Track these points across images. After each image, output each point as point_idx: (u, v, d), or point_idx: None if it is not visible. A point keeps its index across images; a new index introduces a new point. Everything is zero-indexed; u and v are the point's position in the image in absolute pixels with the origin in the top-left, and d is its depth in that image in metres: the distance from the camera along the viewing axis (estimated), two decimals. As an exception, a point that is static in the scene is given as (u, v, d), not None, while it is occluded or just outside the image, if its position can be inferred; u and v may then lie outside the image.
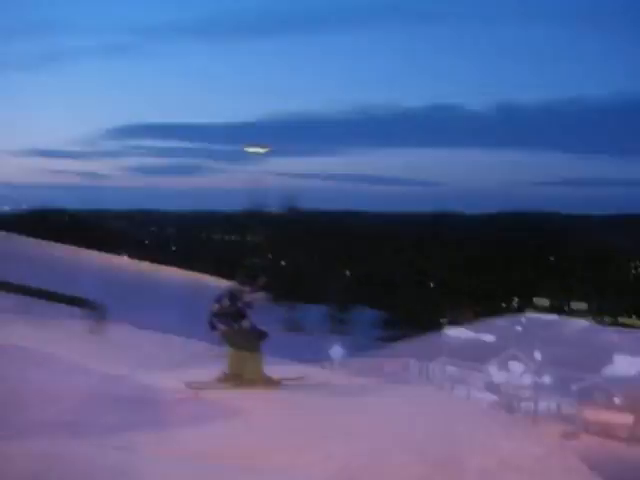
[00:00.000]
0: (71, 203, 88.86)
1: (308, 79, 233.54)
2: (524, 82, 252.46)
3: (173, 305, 22.02)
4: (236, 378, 8.74)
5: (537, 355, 23.21)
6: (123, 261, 33.99)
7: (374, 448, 6.01)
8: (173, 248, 70.06)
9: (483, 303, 43.36)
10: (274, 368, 9.01)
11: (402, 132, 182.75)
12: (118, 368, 8.93)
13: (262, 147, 37.43)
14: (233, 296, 8.67)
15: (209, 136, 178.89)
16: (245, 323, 8.58)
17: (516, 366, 23.87)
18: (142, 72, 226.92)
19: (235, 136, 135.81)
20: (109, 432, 6.18)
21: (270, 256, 48.19)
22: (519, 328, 26.35)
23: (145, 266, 32.64)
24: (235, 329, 8.62)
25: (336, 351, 30.70)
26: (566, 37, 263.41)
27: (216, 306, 8.69)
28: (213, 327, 8.72)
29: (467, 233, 65.12)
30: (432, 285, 47.21)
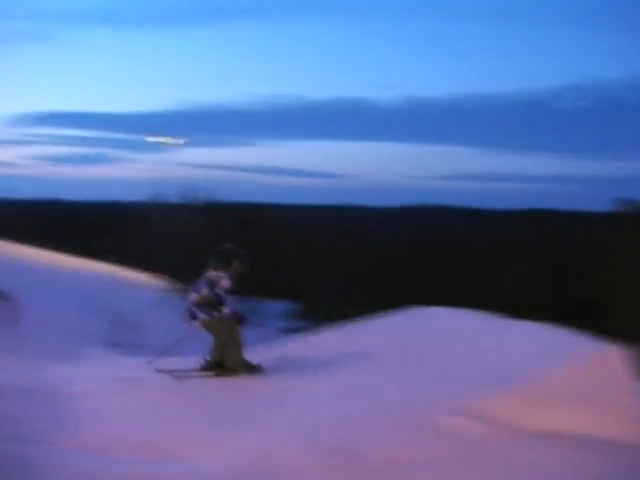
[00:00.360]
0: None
1: (216, 70, 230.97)
2: (429, 76, 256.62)
3: (76, 296, 21.64)
4: (217, 366, 8.86)
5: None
6: (27, 251, 33.13)
7: (278, 439, 6.15)
8: (78, 238, 68.56)
9: (386, 296, 43.76)
10: (176, 360, 9.08)
11: (308, 124, 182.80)
12: (25, 359, 8.88)
13: (170, 137, 37.09)
14: (211, 283, 8.71)
15: (117, 125, 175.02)
16: (225, 310, 8.64)
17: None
18: (48, 59, 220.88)
19: (142, 126, 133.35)
20: (17, 424, 6.16)
21: (180, 248, 47.59)
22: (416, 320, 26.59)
23: (50, 256, 31.91)
24: (215, 317, 8.68)
25: (246, 341, 30.72)
26: (473, 33, 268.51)
27: (195, 295, 8.79)
28: (193, 316, 8.79)
29: (371, 226, 65.76)
30: (335, 278, 47.31)
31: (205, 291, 8.73)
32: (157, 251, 41.27)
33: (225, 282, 8.69)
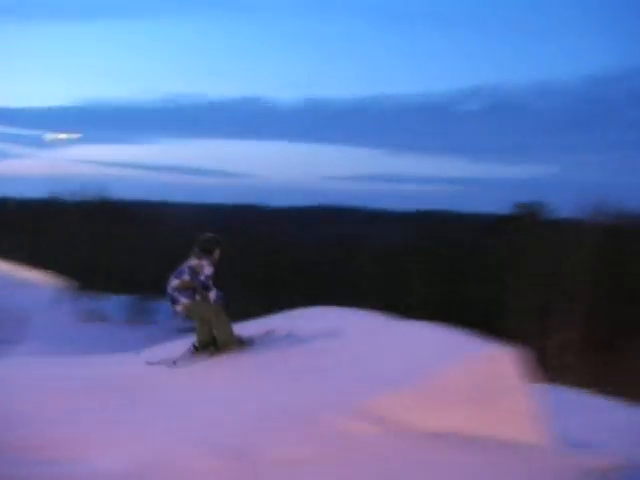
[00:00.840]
0: None
1: (118, 66, 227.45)
2: (333, 76, 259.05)
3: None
4: (209, 346, 9.06)
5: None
6: None
7: (171, 440, 6.06)
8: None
9: (282, 296, 43.80)
10: (68, 360, 8.96)
11: (210, 123, 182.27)
12: None
13: (68, 134, 36.31)
14: (193, 271, 8.86)
15: (13, 120, 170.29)
16: (211, 295, 8.79)
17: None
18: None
19: (41, 121, 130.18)
20: None
21: (78, 245, 46.60)
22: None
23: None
24: (197, 300, 8.86)
25: (137, 341, 30.39)
26: (377, 34, 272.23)
27: (176, 281, 8.89)
28: (174, 301, 8.91)
29: (273, 226, 65.97)
30: (233, 277, 47.08)
31: (187, 278, 8.89)
32: (51, 248, 40.22)
33: (208, 269, 8.86)
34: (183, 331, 38.54)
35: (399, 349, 7.97)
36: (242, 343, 9.11)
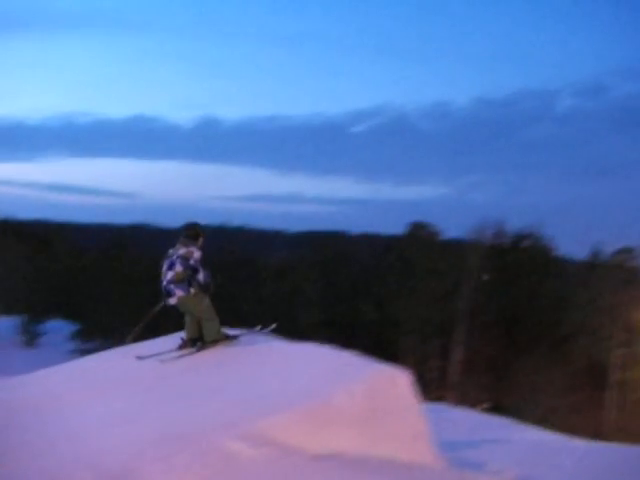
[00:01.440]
0: None
1: (10, 84, 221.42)
2: (229, 97, 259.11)
3: None
4: (196, 341, 9.32)
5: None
6: None
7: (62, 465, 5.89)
8: None
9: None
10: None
11: (102, 142, 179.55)
12: None
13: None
14: (184, 259, 9.17)
15: None
16: (200, 276, 9.09)
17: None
18: None
19: None
20: None
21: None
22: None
23: None
24: (191, 293, 9.09)
25: (27, 363, 29.47)
26: (273, 56, 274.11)
27: (171, 273, 9.14)
28: (169, 293, 9.14)
29: (163, 247, 65.39)
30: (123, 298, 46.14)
31: (179, 267, 9.13)
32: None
33: (197, 254, 9.22)
34: (78, 352, 37.63)
35: (289, 371, 7.91)
36: (230, 339, 9.40)
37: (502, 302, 45.05)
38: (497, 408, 36.75)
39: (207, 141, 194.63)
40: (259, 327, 10.08)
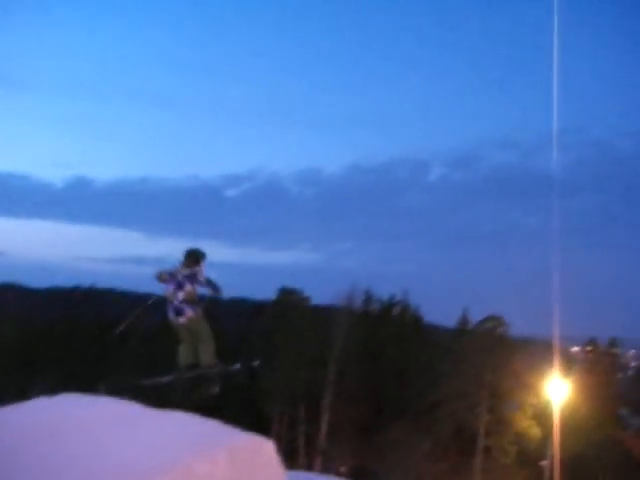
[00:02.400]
0: None
1: None
2: (101, 158, 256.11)
3: None
4: (193, 368, 9.88)
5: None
6: None
7: None
8: None
9: (38, 376, 41.56)
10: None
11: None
12: None
13: None
14: (192, 277, 9.67)
15: None
16: (212, 285, 9.75)
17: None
18: None
19: None
20: None
21: None
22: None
23: None
24: (199, 314, 9.68)
25: None
26: (149, 118, 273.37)
27: (181, 293, 9.60)
28: (179, 312, 9.64)
29: (32, 307, 63.22)
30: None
31: (189, 286, 9.63)
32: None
33: (203, 272, 9.83)
34: None
35: (149, 441, 7.55)
36: (222, 367, 10.08)
37: (371, 368, 45.38)
38: (366, 474, 36.72)
39: (78, 201, 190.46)
40: (257, 362, 10.79)
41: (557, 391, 33.28)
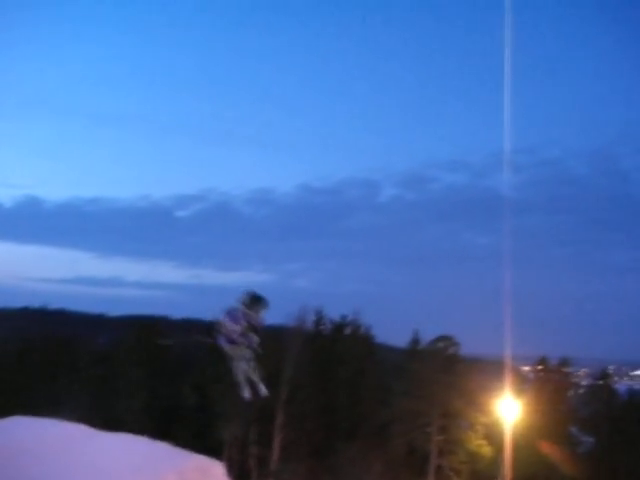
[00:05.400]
0: None
1: None
2: (52, 177, 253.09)
3: None
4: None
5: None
6: None
7: None
8: None
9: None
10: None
11: None
12: None
13: None
14: (248, 317, 10.44)
15: None
16: (255, 338, 10.58)
17: None
18: None
19: None
20: None
21: None
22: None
23: None
24: (246, 344, 10.52)
25: None
26: (99, 137, 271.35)
27: (238, 327, 10.40)
28: (232, 342, 10.49)
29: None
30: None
31: (244, 322, 10.43)
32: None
33: (258, 318, 10.62)
34: None
35: (97, 463, 7.45)
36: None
37: (323, 388, 45.30)
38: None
39: (28, 221, 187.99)
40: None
41: (508, 410, 33.47)
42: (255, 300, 10.73)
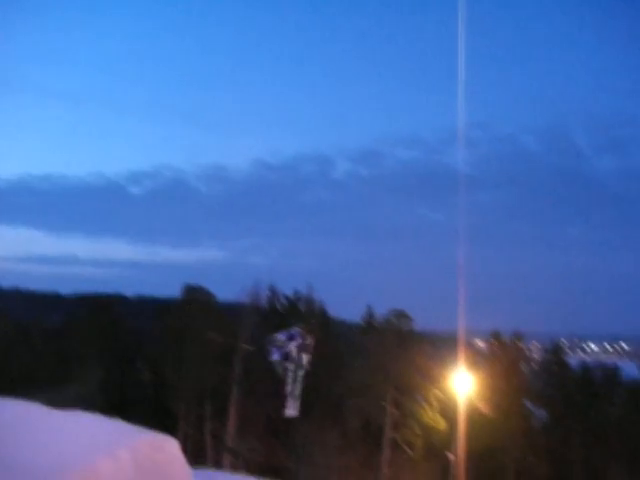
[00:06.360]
0: None
1: None
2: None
3: None
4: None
5: None
6: None
7: None
8: None
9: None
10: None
11: None
12: None
13: None
14: (304, 339, 11.83)
15: None
16: (306, 357, 11.88)
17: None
18: None
19: None
20: None
21: None
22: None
23: None
24: (296, 361, 11.80)
25: None
26: (50, 114, 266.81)
27: (295, 343, 11.81)
28: (289, 358, 11.93)
29: None
30: None
31: (300, 341, 11.71)
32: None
33: (310, 340, 11.97)
34: None
35: (48, 441, 7.36)
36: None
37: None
38: (273, 471, 36.72)
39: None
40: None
41: (462, 384, 33.83)
42: (311, 320, 11.79)
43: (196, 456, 38.16)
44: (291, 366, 11.96)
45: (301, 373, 12.25)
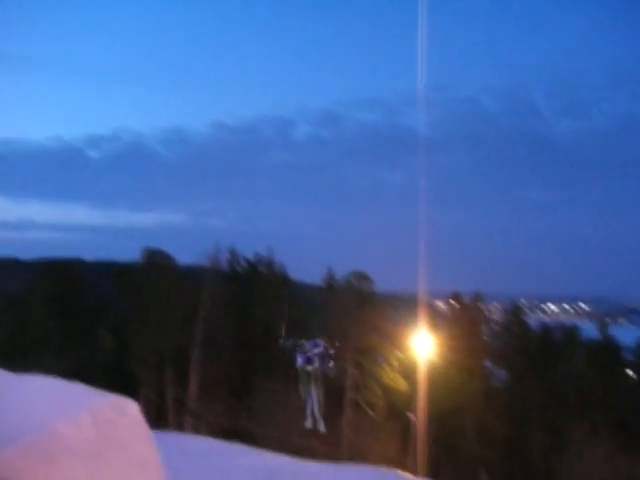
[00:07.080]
0: None
1: None
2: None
3: None
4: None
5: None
6: None
7: None
8: None
9: None
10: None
11: None
12: None
13: None
14: (325, 349, 12.33)
15: None
16: (332, 364, 12.23)
17: None
18: None
19: None
20: None
21: None
22: None
23: None
24: (319, 369, 12.22)
25: None
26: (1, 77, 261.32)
27: (315, 350, 12.45)
28: (310, 362, 12.51)
29: None
30: None
31: (322, 349, 12.26)
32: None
33: (330, 350, 12.19)
34: None
35: (10, 404, 7.27)
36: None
37: (239, 327, 45.45)
38: (235, 433, 36.90)
39: None
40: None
41: (423, 345, 34.17)
42: (330, 337, 12.21)
43: (158, 420, 38.20)
44: (311, 368, 12.65)
45: (319, 379, 12.84)
